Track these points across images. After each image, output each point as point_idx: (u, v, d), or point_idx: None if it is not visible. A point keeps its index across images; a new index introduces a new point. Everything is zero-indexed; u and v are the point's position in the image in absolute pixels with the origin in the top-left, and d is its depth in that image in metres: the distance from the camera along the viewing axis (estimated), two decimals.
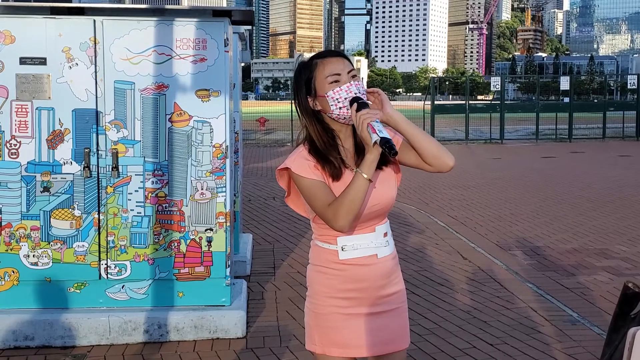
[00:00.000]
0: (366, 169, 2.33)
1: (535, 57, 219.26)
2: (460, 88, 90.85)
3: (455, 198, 11.97)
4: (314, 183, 2.43)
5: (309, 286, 2.62)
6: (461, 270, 6.98)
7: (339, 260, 2.49)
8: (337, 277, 2.50)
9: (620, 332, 2.10)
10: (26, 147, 4.86)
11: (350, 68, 2.44)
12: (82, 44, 4.82)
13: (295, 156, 2.48)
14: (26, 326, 4.81)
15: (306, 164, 2.44)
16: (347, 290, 2.50)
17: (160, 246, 4.98)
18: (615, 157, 20.17)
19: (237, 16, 5.30)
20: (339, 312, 2.51)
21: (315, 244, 2.58)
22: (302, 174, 2.43)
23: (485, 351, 4.82)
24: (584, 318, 5.52)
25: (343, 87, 2.40)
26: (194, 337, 4.96)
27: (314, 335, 2.58)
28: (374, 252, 2.50)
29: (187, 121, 4.92)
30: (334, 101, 2.41)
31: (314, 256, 2.59)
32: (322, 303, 2.54)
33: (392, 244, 2.59)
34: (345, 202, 2.34)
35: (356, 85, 2.41)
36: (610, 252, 7.80)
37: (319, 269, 2.55)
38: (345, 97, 2.39)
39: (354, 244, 2.48)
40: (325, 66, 2.43)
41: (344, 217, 2.36)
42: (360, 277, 2.49)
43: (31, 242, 4.90)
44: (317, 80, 2.44)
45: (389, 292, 2.55)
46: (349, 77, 2.42)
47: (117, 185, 4.92)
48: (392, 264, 2.57)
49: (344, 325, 2.51)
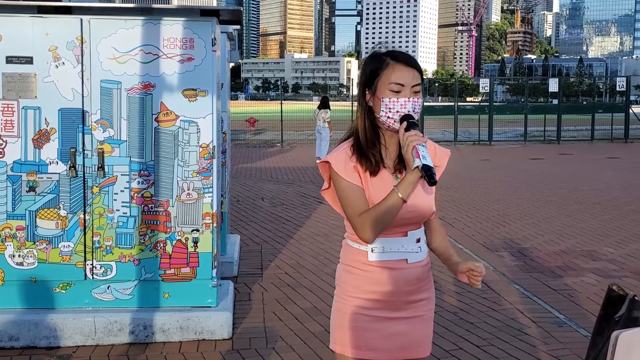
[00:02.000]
0: (402, 189, 2.34)
1: (525, 59, 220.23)
2: (449, 89, 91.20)
3: (443, 199, 11.98)
4: (350, 187, 2.43)
5: (337, 285, 2.61)
6: (447, 272, 6.97)
7: (368, 261, 2.48)
8: (364, 278, 2.49)
9: (605, 335, 2.09)
10: (12, 147, 4.82)
11: (416, 82, 2.41)
12: (68, 43, 4.79)
13: (338, 152, 2.48)
14: (11, 326, 4.77)
15: (346, 164, 2.44)
16: (373, 292, 2.48)
17: (146, 247, 4.95)
18: (604, 159, 20.26)
19: (226, 16, 5.28)
20: (362, 313, 2.49)
21: (347, 243, 2.57)
22: (341, 173, 2.43)
23: (471, 353, 4.82)
24: (570, 320, 5.54)
25: (400, 100, 2.38)
26: (180, 338, 4.93)
27: (335, 334, 2.58)
28: (404, 257, 2.48)
29: (173, 121, 4.90)
30: (386, 109, 2.40)
31: (344, 255, 2.59)
32: (347, 302, 2.52)
33: (425, 251, 2.57)
34: (376, 217, 2.36)
35: (413, 103, 2.39)
36: (597, 254, 7.83)
37: (347, 268, 2.54)
38: (398, 111, 2.38)
39: (384, 246, 2.46)
40: (395, 71, 2.40)
41: (371, 230, 2.38)
42: (387, 281, 2.47)
43: (17, 242, 4.87)
44: (381, 80, 2.41)
45: (416, 299, 2.53)
46: (411, 91, 2.40)
47: (103, 185, 4.89)
48: (422, 271, 2.54)
49: (367, 326, 2.49)
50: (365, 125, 2.47)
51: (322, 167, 2.53)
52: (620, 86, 29.16)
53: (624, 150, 23.68)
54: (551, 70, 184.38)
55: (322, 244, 8.20)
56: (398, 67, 2.40)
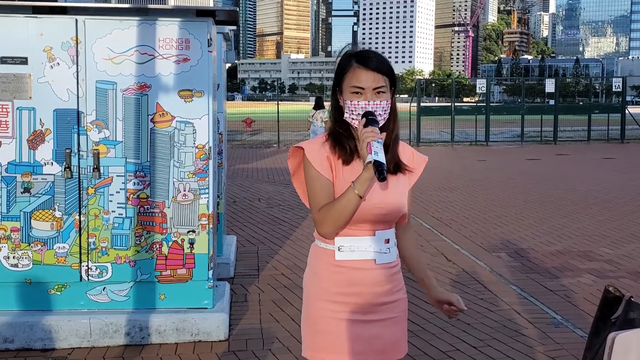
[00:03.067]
0: (358, 185, 2.33)
1: (521, 60, 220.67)
2: (446, 90, 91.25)
3: (440, 200, 11.98)
4: (318, 177, 2.43)
5: (304, 290, 2.59)
6: (445, 272, 6.98)
7: (335, 261, 2.46)
8: (332, 279, 2.46)
9: (601, 336, 2.08)
10: (6, 148, 4.80)
11: (379, 84, 2.41)
12: (63, 43, 4.77)
13: (313, 140, 2.51)
14: (6, 328, 4.75)
15: (319, 153, 2.45)
16: (341, 293, 2.46)
17: (141, 248, 4.94)
18: (600, 159, 20.28)
19: (222, 16, 5.27)
20: (332, 317, 2.46)
21: (315, 244, 2.56)
22: (313, 162, 2.43)
23: (468, 354, 4.81)
24: (567, 320, 5.53)
25: (361, 103, 2.40)
26: (176, 339, 4.92)
27: (306, 340, 2.54)
28: (372, 257, 2.46)
29: (169, 122, 4.88)
30: (349, 110, 2.43)
31: (311, 258, 2.57)
32: (315, 307, 2.50)
33: (395, 253, 2.55)
34: (333, 212, 2.36)
35: (374, 106, 2.40)
36: (594, 255, 7.82)
37: (314, 271, 2.53)
38: (359, 113, 2.41)
39: (352, 245, 2.45)
40: (354, 74, 2.42)
41: (329, 225, 2.38)
42: (354, 281, 2.45)
43: (11, 243, 4.85)
44: (345, 82, 2.45)
45: (385, 301, 2.50)
46: (373, 93, 2.40)
47: (99, 186, 4.87)
48: (391, 272, 2.52)
49: (336, 330, 2.46)
50: (338, 119, 2.50)
51: (295, 152, 2.53)
52: (616, 87, 29.18)
53: (620, 151, 23.70)
54: (548, 71, 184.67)
55: None
56: (358, 70, 2.42)
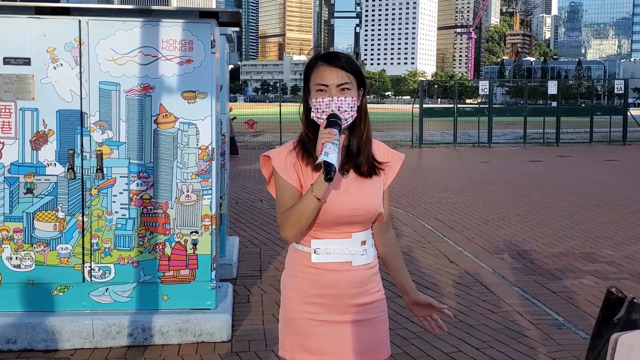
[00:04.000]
0: (316, 188, 2.33)
1: (524, 62, 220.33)
2: (448, 91, 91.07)
3: (443, 201, 11.98)
4: (284, 185, 2.45)
5: (281, 291, 2.59)
6: (448, 274, 6.98)
7: (311, 263, 2.46)
8: (308, 281, 2.47)
9: (604, 338, 2.09)
10: (9, 148, 4.81)
11: (343, 81, 2.42)
12: (66, 44, 4.78)
13: (282, 148, 2.52)
14: (8, 329, 4.76)
15: (286, 161, 2.46)
16: (318, 295, 2.46)
17: (144, 249, 4.94)
18: (602, 161, 20.26)
19: (225, 18, 5.28)
20: (310, 318, 2.46)
21: (292, 247, 2.56)
22: (279, 171, 2.46)
23: (471, 355, 4.81)
24: (569, 322, 5.53)
25: (325, 100, 2.41)
26: (179, 340, 4.92)
27: (284, 340, 2.54)
28: (348, 259, 2.46)
29: (172, 123, 4.89)
30: (314, 109, 2.44)
31: (288, 260, 2.58)
32: (293, 308, 2.50)
33: (372, 254, 2.54)
34: (293, 215, 2.37)
35: (338, 102, 2.40)
36: (596, 256, 7.82)
37: (291, 273, 2.53)
38: (324, 110, 2.41)
39: (328, 248, 2.45)
40: (319, 73, 2.44)
41: (289, 228, 2.40)
42: (331, 283, 2.45)
43: (14, 244, 4.85)
44: (311, 82, 2.46)
45: (363, 302, 2.49)
46: (337, 90, 2.41)
47: (102, 187, 4.88)
48: (368, 274, 2.51)
49: (315, 331, 2.46)
50: (306, 124, 2.50)
51: (263, 161, 2.54)
52: (618, 89, 29.15)
53: (622, 153, 23.68)
54: (550, 73, 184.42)
55: None
56: (322, 68, 2.44)
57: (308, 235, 2.47)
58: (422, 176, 16.15)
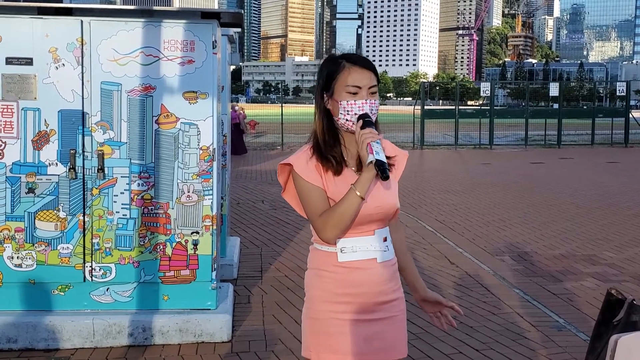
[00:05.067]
0: (360, 187, 2.33)
1: (525, 63, 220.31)
2: (450, 93, 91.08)
3: (444, 203, 11.98)
4: (311, 188, 2.43)
5: (306, 291, 2.58)
6: (448, 275, 6.98)
7: (338, 262, 2.46)
8: (335, 280, 2.46)
9: (603, 339, 2.09)
10: (11, 148, 4.82)
11: (373, 83, 2.43)
12: (69, 44, 4.79)
13: (300, 154, 2.49)
14: (9, 328, 4.76)
15: (308, 165, 2.44)
16: (344, 294, 2.46)
17: (145, 249, 4.95)
18: (604, 163, 20.26)
19: (226, 18, 5.28)
20: (335, 318, 2.46)
21: (314, 248, 2.55)
22: (302, 174, 2.43)
23: (471, 357, 4.81)
24: (570, 324, 5.53)
25: (358, 102, 2.40)
26: (179, 340, 4.93)
27: (308, 341, 2.54)
28: (373, 256, 2.47)
29: (174, 123, 4.90)
30: (344, 111, 2.41)
31: (313, 260, 2.56)
32: (318, 308, 2.50)
33: (392, 250, 2.57)
34: (336, 216, 2.35)
35: (370, 105, 2.41)
36: (597, 258, 7.82)
37: (316, 273, 2.52)
38: (355, 113, 2.40)
39: (354, 246, 2.45)
40: (351, 74, 2.42)
41: (332, 230, 2.37)
42: (358, 281, 2.46)
43: (15, 243, 4.86)
44: (338, 83, 2.43)
45: (387, 299, 2.51)
46: (368, 93, 2.42)
47: (103, 187, 4.89)
48: (391, 270, 2.54)
49: (340, 330, 2.46)
50: (324, 128, 2.48)
51: (281, 169, 2.53)
52: (620, 91, 29.14)
53: (624, 155, 23.68)
54: (552, 75, 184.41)
55: None
56: (354, 69, 2.42)
57: None
58: (423, 177, 16.15)
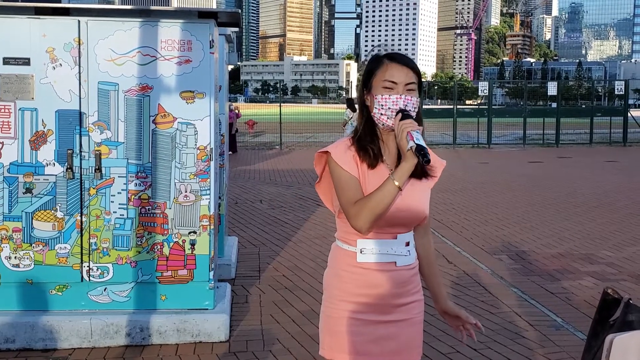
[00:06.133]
0: (398, 176, 2.32)
1: (524, 63, 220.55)
2: (448, 92, 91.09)
3: (442, 202, 11.98)
4: (348, 176, 2.42)
5: (324, 289, 2.60)
6: (446, 274, 6.98)
7: (357, 263, 2.46)
8: (353, 280, 2.47)
9: (600, 338, 2.09)
10: (9, 148, 4.81)
11: (410, 80, 2.42)
12: (66, 44, 4.79)
13: (339, 143, 2.51)
14: (7, 328, 4.76)
15: (346, 154, 2.45)
16: (362, 295, 2.47)
17: (143, 249, 4.94)
18: (602, 162, 20.27)
19: (224, 18, 5.29)
20: (353, 317, 2.48)
21: (336, 245, 2.56)
22: (339, 162, 2.43)
23: (469, 356, 4.81)
24: (567, 323, 5.53)
25: (392, 97, 2.40)
26: (177, 340, 4.92)
27: (325, 339, 2.56)
28: (392, 260, 2.47)
29: (171, 123, 4.89)
30: (379, 105, 2.42)
31: (333, 258, 2.58)
32: (335, 307, 2.51)
33: (414, 255, 2.56)
34: (371, 203, 2.34)
35: (405, 101, 2.40)
36: (595, 258, 7.82)
37: (335, 272, 2.53)
38: (390, 107, 2.40)
39: (373, 248, 2.45)
40: (388, 69, 2.43)
41: (365, 218, 2.35)
42: (375, 283, 2.46)
43: (13, 243, 4.86)
44: (376, 78, 2.45)
45: (404, 302, 2.51)
46: (404, 89, 2.41)
47: (100, 187, 4.88)
48: (410, 274, 2.53)
49: (356, 330, 2.47)
50: (363, 122, 2.50)
51: (319, 157, 2.53)
52: (618, 90, 29.17)
53: (622, 154, 23.69)
54: (550, 74, 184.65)
55: (319, 247, 8.19)
56: (392, 65, 2.43)
57: (354, 234, 2.46)
58: None
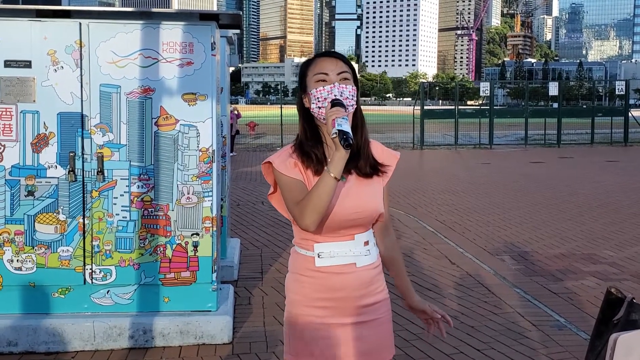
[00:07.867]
0: (332, 167, 2.27)
1: (525, 63, 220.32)
2: (449, 93, 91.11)
3: (444, 203, 11.98)
4: (291, 181, 2.40)
5: (286, 295, 2.55)
6: (449, 275, 6.98)
7: (315, 267, 2.43)
8: (313, 285, 2.43)
9: (603, 338, 2.09)
10: (10, 151, 4.82)
11: (342, 70, 2.41)
12: (67, 47, 4.79)
13: (280, 152, 2.49)
14: (9, 332, 4.76)
15: (287, 161, 2.43)
16: (323, 299, 2.43)
17: (145, 251, 4.94)
18: (603, 162, 20.26)
19: (225, 20, 5.29)
20: (315, 322, 2.43)
21: (294, 251, 2.53)
22: (282, 170, 2.41)
23: (472, 356, 4.81)
24: (570, 323, 5.53)
25: (326, 87, 2.37)
26: (180, 342, 4.92)
27: (289, 344, 2.51)
28: (352, 261, 2.43)
29: (173, 125, 4.89)
30: (315, 99, 2.39)
31: (292, 263, 2.54)
32: (298, 312, 2.47)
33: (375, 253, 2.52)
34: (311, 200, 2.29)
35: (340, 88, 2.37)
36: (597, 257, 7.82)
37: (295, 277, 2.49)
38: (325, 98, 2.37)
39: (331, 251, 2.42)
40: (317, 64, 2.43)
41: (309, 215, 2.30)
42: (336, 286, 2.42)
43: (15, 246, 4.86)
44: (308, 77, 2.44)
45: (369, 302, 2.47)
46: (337, 78, 2.39)
47: (103, 189, 4.89)
48: (372, 274, 2.48)
49: (320, 335, 2.43)
50: (305, 127, 2.47)
51: (265, 169, 2.51)
52: (619, 90, 29.18)
53: (623, 154, 23.68)
54: (551, 74, 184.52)
55: None
56: (320, 59, 2.44)
57: (310, 239, 2.43)
58: (423, 178, 16.15)
